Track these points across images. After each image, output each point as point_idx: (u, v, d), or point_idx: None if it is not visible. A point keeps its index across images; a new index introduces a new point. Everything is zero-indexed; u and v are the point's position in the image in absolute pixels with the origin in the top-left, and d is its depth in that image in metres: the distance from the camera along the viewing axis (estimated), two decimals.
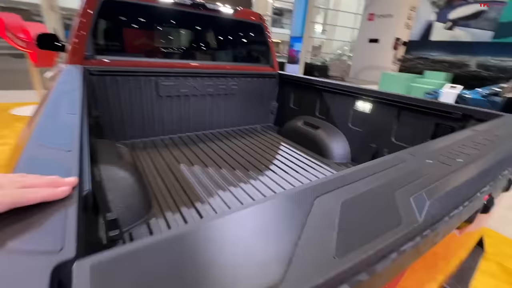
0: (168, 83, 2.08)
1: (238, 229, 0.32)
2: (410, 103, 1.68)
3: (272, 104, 2.81)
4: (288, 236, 0.31)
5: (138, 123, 2.07)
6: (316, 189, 0.42)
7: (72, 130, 0.59)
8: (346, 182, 0.45)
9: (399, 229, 0.34)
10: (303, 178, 1.73)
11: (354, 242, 0.31)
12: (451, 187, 0.48)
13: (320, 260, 0.28)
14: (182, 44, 2.67)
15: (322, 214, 0.36)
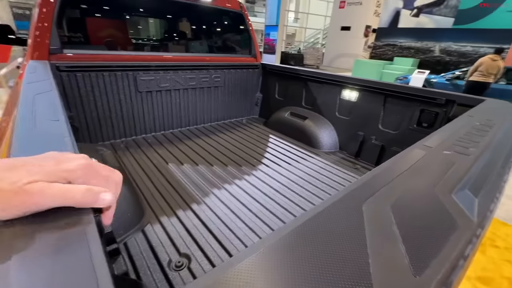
0: (147, 78, 1.94)
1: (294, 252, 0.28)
2: (396, 90, 1.72)
3: (256, 96, 2.76)
4: (355, 254, 0.28)
5: (117, 122, 1.92)
6: (357, 194, 0.39)
7: (62, 140, 0.51)
8: (383, 183, 0.43)
9: (459, 233, 0.33)
10: (296, 169, 1.72)
11: (425, 255, 0.29)
12: (483, 179, 0.48)
13: (402, 282, 0.25)
14: (160, 35, 2.50)
15: (378, 222, 0.33)
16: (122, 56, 1.82)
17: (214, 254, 1.00)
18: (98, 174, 0.35)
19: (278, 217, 1.25)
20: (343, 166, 1.82)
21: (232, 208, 1.29)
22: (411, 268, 0.27)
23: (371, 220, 0.34)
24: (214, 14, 2.51)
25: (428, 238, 0.32)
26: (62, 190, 0.30)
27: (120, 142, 1.94)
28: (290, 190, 1.48)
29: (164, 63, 1.99)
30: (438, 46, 10.81)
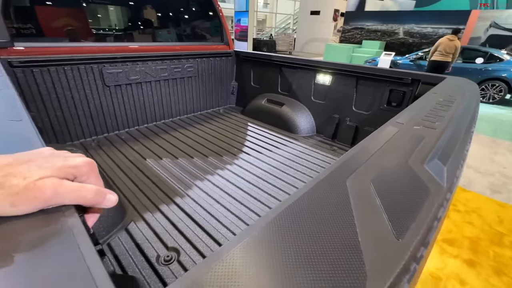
0: (115, 70, 1.83)
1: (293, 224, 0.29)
2: (366, 72, 1.78)
3: (232, 84, 2.72)
4: (344, 223, 0.30)
5: (86, 119, 1.80)
6: (339, 173, 0.42)
7: (29, 142, 0.47)
8: (362, 160, 0.46)
9: (432, 198, 0.36)
10: (277, 155, 1.75)
11: (405, 220, 0.31)
12: (449, 149, 0.52)
13: (388, 245, 0.27)
14: (124, 24, 2.33)
15: (361, 196, 0.35)
16: (83, 48, 1.69)
17: (202, 245, 1.01)
18: (97, 171, 0.35)
19: (263, 202, 1.28)
20: (321, 148, 1.89)
21: (217, 198, 1.29)
22: (394, 233, 0.29)
23: (355, 194, 0.36)
24: (181, 0, 2.39)
25: (406, 205, 0.34)
26: (75, 188, 0.30)
27: (91, 141, 1.83)
28: (273, 175, 1.51)
29: (131, 54, 1.88)
30: (402, 28, 11.31)
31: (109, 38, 1.97)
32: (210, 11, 2.45)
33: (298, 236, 0.28)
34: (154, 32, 2.30)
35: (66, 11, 1.88)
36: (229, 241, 0.28)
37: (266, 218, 0.31)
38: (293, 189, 1.39)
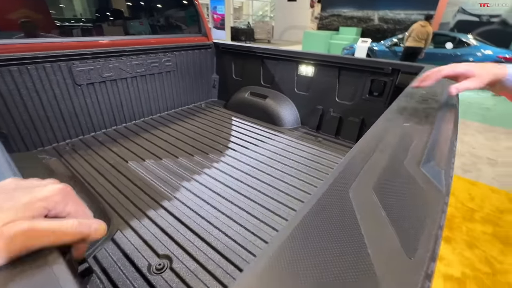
0: (85, 68, 1.70)
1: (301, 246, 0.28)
2: (348, 62, 1.79)
3: (213, 78, 2.64)
4: (355, 243, 0.29)
5: (57, 122, 1.67)
6: (341, 182, 0.41)
7: None
8: (360, 166, 0.45)
9: (434, 204, 0.36)
10: (263, 150, 1.74)
11: (412, 234, 0.31)
12: (442, 148, 0.53)
13: (401, 266, 0.27)
14: (94, 16, 2.16)
15: (366, 209, 0.35)
16: (47, 45, 1.54)
17: (195, 249, 0.99)
18: (75, 197, 0.32)
19: (252, 200, 1.27)
20: (307, 140, 1.90)
21: (205, 198, 1.27)
22: (404, 250, 0.29)
23: (360, 207, 0.35)
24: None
25: (411, 215, 0.34)
26: (51, 228, 0.26)
27: (65, 144, 1.71)
28: (261, 171, 1.50)
29: (103, 50, 1.75)
30: (377, 14, 11.49)
31: (76, 32, 1.82)
32: (187, 1, 2.33)
33: (311, 260, 0.27)
34: (126, 24, 2.16)
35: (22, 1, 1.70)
36: (243, 271, 0.27)
37: (278, 241, 0.29)
38: (282, 184, 1.39)
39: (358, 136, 1.88)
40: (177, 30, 2.48)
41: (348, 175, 0.42)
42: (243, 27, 13.84)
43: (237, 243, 1.03)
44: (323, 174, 1.50)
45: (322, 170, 1.53)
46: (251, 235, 1.06)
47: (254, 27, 14.23)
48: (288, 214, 1.18)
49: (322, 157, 1.67)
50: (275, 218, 1.16)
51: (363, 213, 0.34)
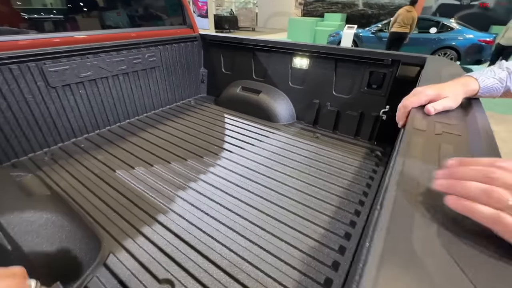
0: (59, 68, 1.52)
1: None
2: (345, 54, 1.71)
3: (201, 72, 2.49)
4: None
5: (31, 129, 1.50)
6: (401, 230, 0.33)
7: None
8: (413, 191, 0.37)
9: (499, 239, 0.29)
10: (260, 149, 1.65)
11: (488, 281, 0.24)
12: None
13: None
14: (62, 5, 1.93)
15: (443, 271, 0.27)
16: (10, 43, 1.35)
17: (199, 270, 0.90)
18: None
19: (255, 207, 1.19)
20: (304, 137, 1.82)
21: (204, 209, 1.17)
22: None
23: (426, 253, 0.27)
24: None
25: (486, 261, 0.27)
26: None
27: (43, 154, 1.55)
28: (260, 174, 1.42)
29: (78, 46, 1.57)
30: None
31: (46, 27, 1.61)
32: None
33: None
34: (101, 15, 1.95)
35: None
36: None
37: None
38: (284, 187, 1.32)
39: (356, 130, 1.82)
40: (159, 22, 2.29)
41: (405, 219, 0.34)
42: (226, 15, 13.35)
43: (243, 259, 0.95)
44: (324, 173, 1.43)
45: (323, 169, 1.47)
46: (258, 249, 0.99)
47: (237, 14, 13.77)
48: (294, 222, 1.11)
49: (322, 155, 1.61)
50: (282, 227, 1.09)
51: (440, 278, 0.26)
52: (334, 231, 1.07)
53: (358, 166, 1.51)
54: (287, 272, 0.91)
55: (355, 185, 1.35)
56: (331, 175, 1.43)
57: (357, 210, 1.18)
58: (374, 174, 1.43)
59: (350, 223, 1.10)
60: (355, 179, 1.39)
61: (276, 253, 0.98)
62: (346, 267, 0.92)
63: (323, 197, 1.27)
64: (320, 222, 1.11)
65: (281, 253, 0.98)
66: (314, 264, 0.94)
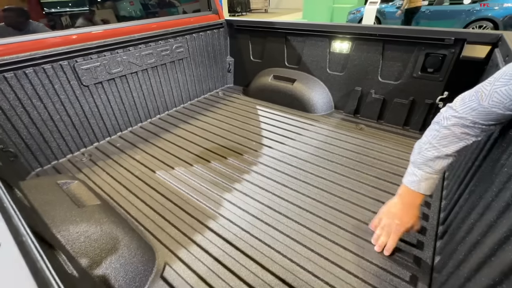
0: (91, 65, 1.45)
1: None
2: (396, 34, 1.52)
3: (227, 61, 2.36)
4: None
5: (68, 130, 1.47)
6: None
7: None
8: None
9: None
10: (302, 144, 1.54)
11: None
12: None
13: None
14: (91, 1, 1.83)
15: None
16: (43, 41, 1.29)
17: (261, 284, 0.83)
18: None
19: (309, 211, 1.10)
20: (347, 129, 1.69)
21: (255, 213, 1.10)
22: None
23: None
24: None
25: None
26: None
27: (80, 155, 1.52)
28: (307, 172, 1.32)
29: (108, 41, 1.48)
30: None
31: (75, 22, 1.54)
32: None
33: None
34: (130, 8, 1.85)
35: None
36: None
37: None
38: (335, 187, 1.21)
39: (406, 120, 1.66)
40: (188, 9, 2.15)
41: None
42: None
43: (307, 271, 0.87)
44: (377, 169, 1.31)
45: (375, 165, 1.35)
46: (321, 259, 0.91)
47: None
48: (357, 228, 1.01)
49: (369, 148, 1.48)
50: (343, 234, 0.99)
51: None
52: (403, 237, 0.96)
53: None
54: (352, 283, 0.83)
55: None
56: (384, 172, 1.30)
57: (424, 213, 1.06)
58: None
59: (420, 229, 0.99)
60: None
61: (340, 263, 0.89)
62: (427, 282, 0.82)
63: (381, 197, 1.15)
64: None
65: (345, 263, 0.89)
66: (385, 277, 0.85)
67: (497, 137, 0.75)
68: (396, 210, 0.86)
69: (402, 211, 0.85)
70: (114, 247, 0.82)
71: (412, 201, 0.82)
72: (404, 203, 0.84)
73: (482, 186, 0.70)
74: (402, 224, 0.85)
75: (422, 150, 0.76)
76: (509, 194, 0.52)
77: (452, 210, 0.92)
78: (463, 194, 0.87)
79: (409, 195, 0.82)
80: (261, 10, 13.41)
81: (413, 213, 0.84)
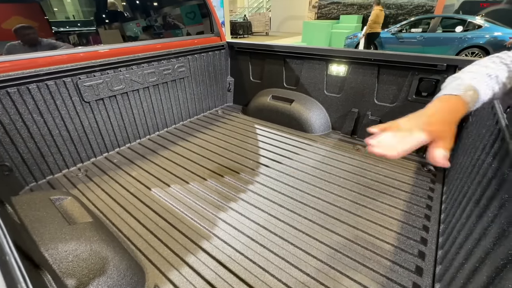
0: (93, 82, 1.48)
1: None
2: (390, 59, 1.58)
3: (227, 81, 2.42)
4: None
5: (66, 145, 1.47)
6: None
7: None
8: None
9: None
10: (299, 164, 1.54)
11: None
12: None
13: None
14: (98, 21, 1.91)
15: None
16: (48, 59, 1.33)
17: None
18: None
19: (306, 233, 1.07)
20: (344, 149, 1.70)
21: (250, 234, 1.07)
22: None
23: None
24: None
25: None
26: None
27: (76, 170, 1.51)
28: (304, 192, 1.31)
29: (113, 59, 1.53)
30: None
31: (81, 41, 1.59)
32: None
33: None
34: (136, 29, 1.92)
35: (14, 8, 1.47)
36: None
37: None
38: (334, 209, 1.20)
39: None
40: (189, 31, 2.24)
41: None
42: (240, 21, 13.42)
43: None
44: (374, 191, 1.30)
45: (372, 186, 1.34)
46: (317, 284, 0.88)
47: (251, 19, 13.81)
48: (355, 252, 0.99)
49: (366, 169, 1.48)
50: (342, 259, 0.96)
51: None
52: (401, 264, 0.94)
53: (411, 183, 1.36)
54: None
55: (413, 206, 1.20)
56: (382, 194, 1.29)
57: (423, 237, 1.04)
58: (432, 193, 1.29)
59: (419, 254, 0.97)
60: (411, 199, 1.25)
61: None
62: None
63: (379, 220, 1.14)
64: (382, 252, 0.98)
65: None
66: None
67: (491, 162, 0.76)
68: (428, 110, 0.52)
69: (439, 113, 0.51)
70: (102, 268, 0.80)
71: (455, 107, 0.51)
72: (444, 106, 0.52)
73: (478, 211, 0.70)
74: (431, 123, 0.49)
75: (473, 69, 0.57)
76: (504, 220, 0.51)
77: (451, 234, 0.91)
78: (461, 218, 0.86)
79: (450, 101, 0.52)
80: (262, 33, 13.95)
81: (452, 123, 0.50)
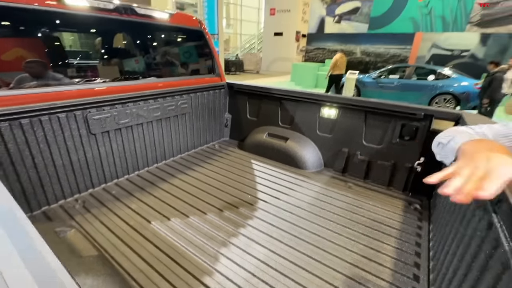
0: (102, 116, 1.56)
1: None
2: (375, 107, 1.77)
3: (225, 117, 2.55)
4: None
5: (66, 175, 1.48)
6: None
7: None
8: None
9: None
10: (295, 200, 1.61)
11: None
12: None
13: None
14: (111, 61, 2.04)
15: None
16: (61, 94, 1.40)
17: None
18: None
19: (307, 270, 1.11)
20: (337, 186, 1.80)
21: (252, 270, 1.09)
22: None
23: None
24: (173, 33, 2.22)
25: None
26: None
27: (73, 201, 1.50)
28: (301, 228, 1.36)
29: (122, 95, 1.63)
30: (359, 48, 12.30)
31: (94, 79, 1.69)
32: (202, 44, 2.30)
33: None
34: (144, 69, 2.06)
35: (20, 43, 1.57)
36: None
37: None
38: (330, 245, 1.25)
39: (389, 181, 1.80)
40: (194, 72, 2.41)
41: None
42: (233, 59, 14.29)
43: None
44: (367, 228, 1.38)
45: (364, 223, 1.42)
46: None
47: (243, 58, 14.74)
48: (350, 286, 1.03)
49: (358, 207, 1.57)
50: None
51: None
52: None
53: (400, 220, 1.46)
54: None
55: (403, 243, 1.28)
56: (374, 231, 1.37)
57: (415, 274, 1.10)
58: (420, 230, 1.38)
59: None
60: (402, 236, 1.33)
61: None
62: None
63: (373, 256, 1.20)
64: None
65: None
66: None
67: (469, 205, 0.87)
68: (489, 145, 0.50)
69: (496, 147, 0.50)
70: None
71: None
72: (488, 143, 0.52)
73: (462, 248, 0.79)
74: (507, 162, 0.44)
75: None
76: (483, 256, 0.60)
77: (440, 271, 0.98)
78: (448, 255, 0.94)
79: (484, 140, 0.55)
80: (253, 71, 14.80)
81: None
